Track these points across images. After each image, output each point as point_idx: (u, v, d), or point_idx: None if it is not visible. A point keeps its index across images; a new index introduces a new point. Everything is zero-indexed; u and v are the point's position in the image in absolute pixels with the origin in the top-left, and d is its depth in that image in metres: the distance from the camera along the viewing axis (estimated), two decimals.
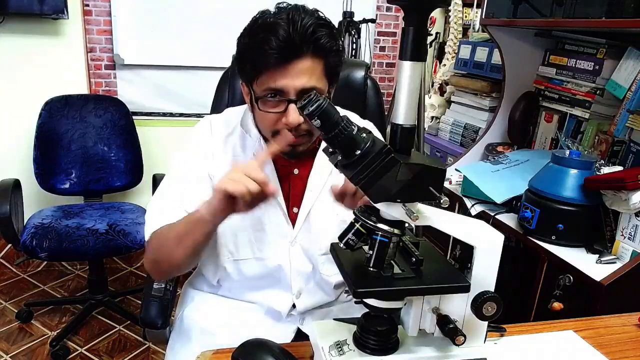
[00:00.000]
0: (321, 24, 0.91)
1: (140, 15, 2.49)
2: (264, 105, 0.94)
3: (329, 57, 0.93)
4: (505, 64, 1.89)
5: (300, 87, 0.91)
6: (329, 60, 0.94)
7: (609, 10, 1.37)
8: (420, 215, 0.67)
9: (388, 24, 2.88)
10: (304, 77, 0.90)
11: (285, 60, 0.89)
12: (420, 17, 0.64)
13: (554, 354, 0.88)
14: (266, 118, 0.95)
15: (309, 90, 0.90)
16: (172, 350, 1.10)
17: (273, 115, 0.94)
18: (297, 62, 0.89)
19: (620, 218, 1.32)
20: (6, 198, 1.95)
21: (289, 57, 0.89)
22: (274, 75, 0.90)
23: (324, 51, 0.92)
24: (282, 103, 0.92)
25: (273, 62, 0.89)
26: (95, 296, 2.28)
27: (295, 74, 0.90)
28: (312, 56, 0.91)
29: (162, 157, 2.66)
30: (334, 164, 0.69)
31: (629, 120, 1.48)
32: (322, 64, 0.93)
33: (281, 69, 0.89)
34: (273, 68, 0.89)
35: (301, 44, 0.88)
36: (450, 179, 1.85)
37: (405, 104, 0.66)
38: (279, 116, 0.94)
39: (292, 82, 0.90)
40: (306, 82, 0.91)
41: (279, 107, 0.93)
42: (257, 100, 0.94)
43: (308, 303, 1.09)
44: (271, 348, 0.79)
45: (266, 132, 0.99)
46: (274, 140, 0.97)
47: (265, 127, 0.98)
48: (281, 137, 0.96)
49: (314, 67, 0.92)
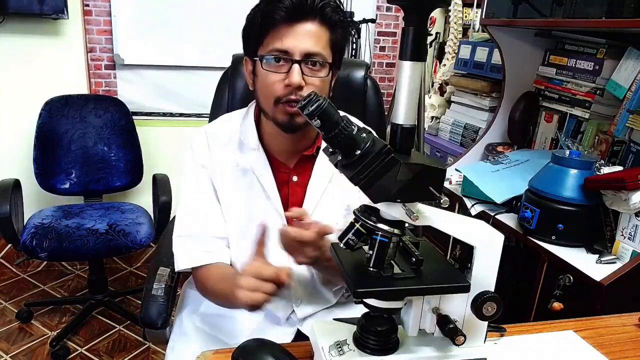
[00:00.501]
0: None
1: (140, 15, 2.49)
2: (267, 66, 0.94)
3: (335, 30, 0.96)
4: (505, 64, 1.89)
5: (306, 49, 0.92)
6: (335, 34, 0.96)
7: (609, 10, 1.37)
8: (420, 215, 0.67)
9: (388, 24, 2.88)
10: (310, 41, 0.92)
11: (292, 18, 0.91)
12: (420, 17, 0.64)
13: (554, 354, 0.88)
14: (269, 81, 0.95)
15: (314, 55, 0.93)
16: (172, 350, 1.10)
17: (275, 77, 0.94)
18: (304, 23, 0.92)
19: (620, 218, 1.32)
20: (6, 198, 1.95)
21: (297, 17, 0.91)
22: (281, 35, 0.92)
23: (330, 22, 0.94)
24: (285, 64, 0.93)
25: (282, 19, 0.91)
26: (95, 296, 2.28)
27: (301, 35, 0.92)
28: (319, 23, 0.93)
29: (162, 157, 2.66)
30: (334, 164, 0.69)
31: (629, 120, 1.48)
32: (328, 35, 0.95)
33: (288, 29, 0.91)
34: (280, 26, 0.91)
35: (310, 8, 0.91)
36: (450, 179, 1.85)
37: (405, 104, 0.66)
38: (281, 78, 0.94)
39: (298, 43, 0.92)
40: (311, 46, 0.92)
41: (283, 68, 0.94)
42: (261, 60, 0.95)
43: (307, 310, 1.09)
44: (271, 348, 0.79)
45: (268, 101, 0.97)
46: (275, 109, 0.96)
47: (268, 93, 0.96)
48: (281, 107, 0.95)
49: (320, 34, 0.94)
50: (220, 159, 1.05)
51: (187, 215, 1.05)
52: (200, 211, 1.04)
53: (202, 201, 1.04)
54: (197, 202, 1.04)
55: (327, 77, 0.97)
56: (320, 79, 0.95)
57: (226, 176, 1.04)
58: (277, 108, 0.96)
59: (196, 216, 1.04)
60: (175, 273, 1.14)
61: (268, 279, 0.81)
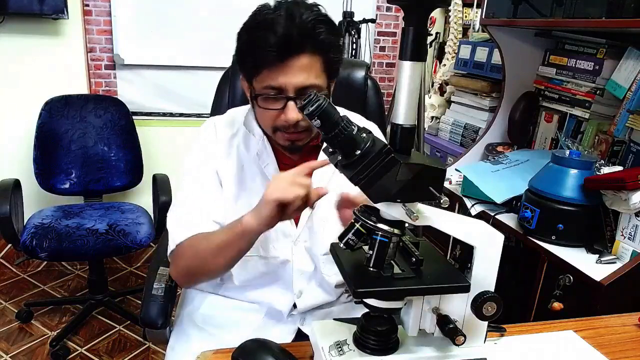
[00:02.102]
0: (321, 20, 0.90)
1: (140, 15, 2.49)
2: (263, 102, 0.95)
3: (328, 52, 0.93)
4: (505, 64, 1.89)
5: (299, 85, 0.91)
6: (329, 56, 0.94)
7: (609, 10, 1.37)
8: (420, 215, 0.67)
9: (388, 24, 2.88)
10: (302, 75, 0.90)
11: (283, 57, 0.89)
12: (420, 17, 0.64)
13: (554, 354, 0.88)
14: (266, 115, 0.96)
15: (308, 88, 0.91)
16: (172, 350, 1.10)
17: (272, 112, 0.95)
18: (296, 59, 0.89)
19: (620, 218, 1.32)
20: (6, 198, 1.95)
21: (287, 55, 0.89)
22: (272, 73, 0.90)
23: (324, 47, 0.92)
24: (281, 100, 0.93)
25: (271, 60, 0.89)
26: (95, 296, 2.28)
27: (293, 71, 0.90)
28: (310, 53, 0.90)
29: (162, 157, 2.66)
30: (334, 164, 0.69)
31: (629, 120, 1.48)
32: (321, 60, 0.93)
33: (280, 67, 0.89)
34: (272, 66, 0.90)
35: (300, 41, 0.88)
36: (450, 179, 1.85)
37: (405, 104, 0.66)
38: (278, 113, 0.94)
39: (291, 80, 0.90)
40: (305, 80, 0.91)
41: (278, 104, 0.93)
42: (256, 98, 0.95)
43: (309, 303, 1.09)
44: (271, 348, 0.79)
45: (266, 129, 1.00)
46: (275, 137, 0.99)
47: (265, 124, 0.99)
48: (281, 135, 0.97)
49: (313, 64, 0.91)
50: (226, 149, 1.05)
51: (187, 198, 1.04)
52: (200, 194, 1.02)
53: (204, 186, 1.03)
54: (198, 186, 1.03)
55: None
56: None
57: (231, 166, 1.04)
58: (277, 135, 0.98)
59: (196, 199, 1.02)
60: None
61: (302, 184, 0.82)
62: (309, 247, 1.07)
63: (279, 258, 1.06)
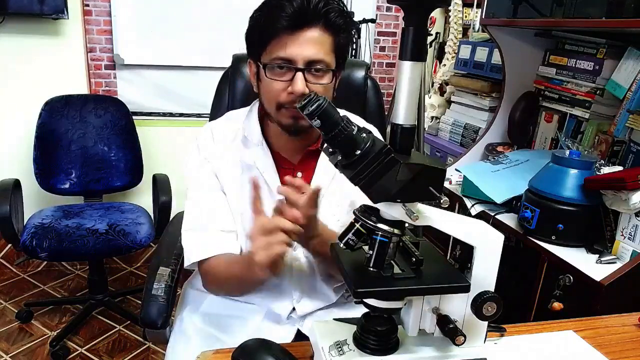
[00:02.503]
0: (333, 2, 0.93)
1: (140, 15, 2.49)
2: (271, 73, 0.94)
3: (338, 34, 0.95)
4: (505, 64, 1.89)
5: (309, 57, 0.92)
6: (339, 38, 0.95)
7: (609, 10, 1.37)
8: (420, 215, 0.67)
9: (388, 24, 2.88)
10: (313, 48, 0.92)
11: (296, 26, 0.90)
12: (420, 17, 0.64)
13: (554, 354, 0.88)
14: (272, 88, 0.95)
15: (317, 62, 0.93)
16: (172, 351, 1.10)
17: (279, 85, 0.94)
18: (307, 30, 0.91)
19: (620, 218, 1.32)
20: (6, 198, 1.95)
21: (300, 24, 0.90)
22: (283, 43, 0.91)
23: (334, 27, 0.93)
24: (289, 72, 0.93)
25: (284, 27, 0.90)
26: (95, 296, 2.28)
27: (304, 42, 0.91)
28: (322, 29, 0.92)
29: (162, 157, 2.66)
30: (334, 164, 0.69)
31: (629, 120, 1.48)
32: (332, 40, 0.94)
33: (291, 37, 0.91)
34: (283, 34, 0.91)
35: (313, 14, 0.90)
36: (450, 179, 1.85)
37: (405, 104, 0.66)
38: (285, 85, 0.94)
39: (302, 51, 0.91)
40: (315, 54, 0.92)
41: (286, 76, 0.94)
42: (264, 68, 0.95)
43: (308, 307, 1.09)
44: (271, 348, 0.79)
45: (271, 106, 0.98)
46: (278, 113, 0.97)
47: (271, 99, 0.97)
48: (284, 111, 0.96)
49: (324, 41, 0.93)
50: (224, 154, 1.05)
51: (195, 209, 1.04)
52: (207, 205, 1.03)
53: (209, 195, 1.03)
54: (204, 196, 1.04)
55: (330, 83, 0.97)
56: (324, 86, 0.95)
57: (230, 172, 1.04)
58: (280, 112, 0.97)
59: (204, 210, 1.03)
60: (175, 273, 1.14)
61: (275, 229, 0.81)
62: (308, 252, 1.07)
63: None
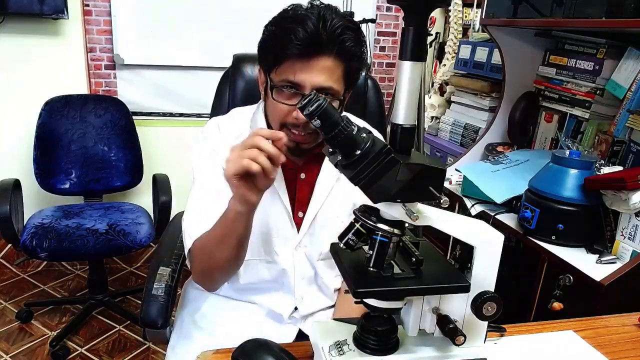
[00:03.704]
0: (350, 28, 0.91)
1: (140, 15, 2.49)
2: (278, 95, 0.94)
3: (351, 61, 0.94)
4: (505, 64, 1.89)
5: (318, 84, 0.91)
6: (351, 65, 0.94)
7: (609, 10, 1.37)
8: (420, 215, 0.67)
9: (388, 24, 2.88)
10: (323, 76, 0.91)
11: (308, 54, 0.89)
12: (420, 17, 0.64)
13: (554, 354, 0.88)
14: (277, 109, 0.95)
15: (326, 89, 0.92)
16: (172, 350, 1.10)
17: (284, 107, 0.94)
18: (320, 59, 0.90)
19: (620, 218, 1.32)
20: (6, 198, 1.95)
21: (312, 52, 0.89)
22: (294, 68, 0.91)
23: (348, 55, 0.92)
24: (296, 96, 0.93)
25: (296, 54, 0.89)
26: (95, 296, 2.28)
27: (315, 70, 0.90)
28: (335, 57, 0.91)
29: (162, 157, 2.66)
30: (334, 164, 0.69)
31: (629, 120, 1.48)
32: (343, 67, 0.93)
33: (303, 63, 0.90)
34: (295, 60, 0.90)
35: (327, 42, 0.89)
36: (450, 179, 1.85)
37: (405, 104, 0.66)
38: (290, 109, 0.94)
39: (311, 78, 0.91)
40: (324, 81, 0.91)
41: (293, 100, 0.93)
42: (272, 89, 0.94)
43: (310, 307, 1.09)
44: (271, 348, 0.79)
45: (275, 124, 0.99)
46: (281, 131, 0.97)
47: (275, 117, 0.98)
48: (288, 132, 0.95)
49: (335, 68, 0.92)
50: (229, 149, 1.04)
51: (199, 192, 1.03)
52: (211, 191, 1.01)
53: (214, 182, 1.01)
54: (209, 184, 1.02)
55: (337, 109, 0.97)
56: None
57: None
58: (283, 131, 0.96)
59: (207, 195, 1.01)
60: (175, 273, 1.14)
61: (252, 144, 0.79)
62: (309, 253, 1.07)
63: (280, 263, 1.06)
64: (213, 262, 0.95)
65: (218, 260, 0.95)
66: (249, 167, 0.78)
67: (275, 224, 1.04)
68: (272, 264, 1.06)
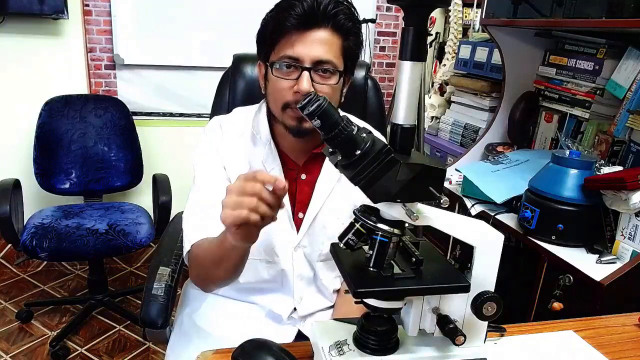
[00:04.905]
0: (341, 3, 0.93)
1: (140, 15, 2.49)
2: (278, 72, 0.95)
3: (347, 37, 0.95)
4: (505, 64, 1.89)
5: (316, 57, 0.92)
6: (348, 41, 0.96)
7: (609, 10, 1.37)
8: (420, 215, 0.66)
9: (388, 24, 2.88)
10: (321, 48, 0.92)
11: (304, 26, 0.91)
12: (420, 17, 0.64)
13: (554, 354, 0.88)
14: (278, 87, 0.95)
15: (325, 62, 0.93)
16: (172, 351, 1.10)
17: (285, 84, 0.94)
18: (316, 31, 0.92)
19: (620, 218, 1.32)
20: (6, 198, 1.95)
21: (308, 24, 0.91)
22: (292, 42, 0.92)
23: (343, 30, 0.94)
24: (296, 71, 0.93)
25: (293, 26, 0.91)
26: (95, 296, 2.28)
27: (312, 42, 0.92)
28: (331, 31, 0.93)
29: (162, 157, 2.66)
30: (333, 164, 0.69)
31: (629, 120, 1.48)
32: (340, 43, 0.95)
33: (300, 36, 0.92)
34: (292, 33, 0.92)
35: (322, 16, 0.91)
36: (450, 179, 1.85)
37: (405, 104, 0.66)
38: (291, 85, 0.94)
39: (309, 50, 0.92)
40: (322, 54, 0.93)
41: (293, 75, 0.94)
42: (272, 66, 0.95)
43: (309, 308, 1.09)
44: (271, 348, 0.79)
45: (277, 107, 0.98)
46: (284, 114, 0.97)
47: (277, 99, 0.97)
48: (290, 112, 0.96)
49: (332, 42, 0.93)
50: (232, 149, 1.04)
51: (199, 193, 1.03)
52: (212, 191, 1.01)
53: (215, 183, 1.02)
54: (210, 184, 1.02)
55: (337, 84, 0.97)
56: (330, 87, 0.95)
57: (237, 167, 1.03)
58: (285, 113, 0.97)
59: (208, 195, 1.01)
60: (175, 273, 1.14)
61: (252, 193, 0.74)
62: (309, 254, 1.07)
63: (280, 264, 1.06)
64: (209, 275, 0.96)
65: (214, 276, 0.95)
66: (247, 219, 0.74)
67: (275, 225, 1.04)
68: (271, 264, 1.06)
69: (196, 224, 0.98)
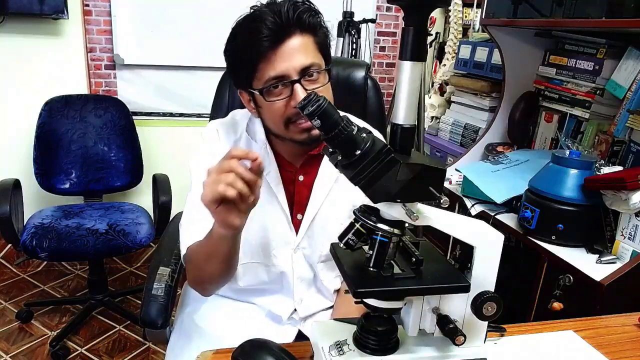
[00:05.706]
0: (298, 3, 0.93)
1: (140, 15, 2.49)
2: (269, 96, 0.93)
3: (316, 33, 0.95)
4: (505, 64, 1.89)
5: (300, 65, 0.91)
6: (319, 36, 0.96)
7: (609, 10, 1.37)
8: (420, 215, 0.66)
9: (388, 24, 2.88)
10: (301, 55, 0.91)
11: (277, 42, 0.90)
12: (420, 17, 0.64)
13: (554, 354, 0.88)
14: (275, 108, 0.94)
15: (309, 67, 0.92)
16: (172, 351, 1.10)
17: (281, 103, 0.93)
18: (289, 41, 0.91)
19: (620, 218, 1.32)
20: (6, 198, 1.95)
21: (280, 38, 0.90)
22: (271, 62, 0.91)
23: (311, 28, 0.93)
24: (286, 88, 0.92)
25: (267, 47, 0.90)
26: (95, 296, 2.28)
27: (290, 53, 0.91)
28: (301, 34, 0.92)
29: (162, 157, 2.66)
30: (333, 164, 0.69)
31: (629, 120, 1.48)
32: (313, 40, 0.94)
33: (276, 53, 0.90)
34: (268, 53, 0.90)
35: (287, 24, 0.90)
36: (450, 179, 1.85)
37: (405, 104, 0.66)
38: (286, 102, 0.93)
39: (290, 62, 0.91)
40: (304, 60, 0.92)
41: (285, 92, 0.93)
42: (262, 93, 0.94)
43: (309, 309, 1.09)
44: (271, 348, 0.79)
45: (279, 126, 0.97)
46: (288, 131, 0.96)
47: (277, 118, 0.96)
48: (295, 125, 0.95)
49: (307, 44, 0.93)
50: None
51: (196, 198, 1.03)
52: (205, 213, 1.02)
53: None
54: None
55: (327, 82, 0.97)
56: (324, 87, 0.95)
57: None
58: (290, 130, 0.96)
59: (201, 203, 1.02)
60: (175, 273, 1.14)
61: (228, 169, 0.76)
62: (308, 255, 1.07)
63: (279, 266, 1.06)
64: (203, 274, 0.96)
65: (207, 273, 0.95)
66: (224, 194, 0.75)
67: (273, 227, 1.04)
68: (271, 267, 1.06)
69: (191, 227, 0.98)
